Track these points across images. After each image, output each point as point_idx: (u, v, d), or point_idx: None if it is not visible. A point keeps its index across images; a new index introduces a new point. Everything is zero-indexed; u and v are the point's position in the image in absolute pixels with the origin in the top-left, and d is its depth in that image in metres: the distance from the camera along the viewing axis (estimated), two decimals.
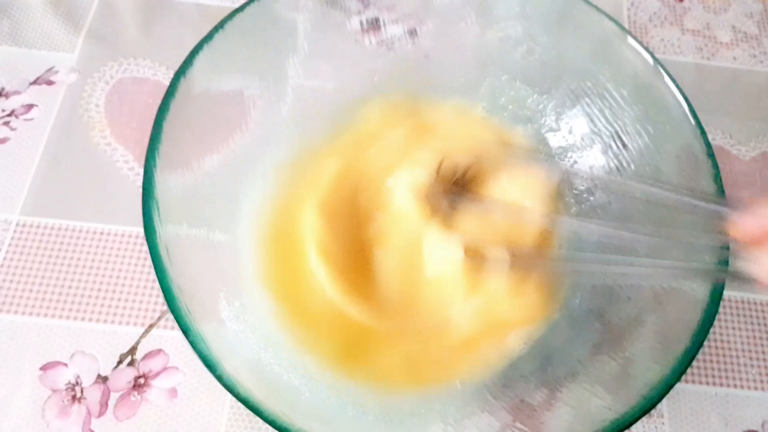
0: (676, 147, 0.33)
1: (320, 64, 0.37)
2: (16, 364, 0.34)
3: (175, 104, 0.30)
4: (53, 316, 0.35)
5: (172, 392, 0.34)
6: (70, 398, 0.33)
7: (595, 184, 0.36)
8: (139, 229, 0.38)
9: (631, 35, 0.34)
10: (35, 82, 0.42)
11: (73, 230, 0.38)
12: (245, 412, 0.25)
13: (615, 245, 0.30)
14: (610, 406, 0.26)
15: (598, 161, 0.36)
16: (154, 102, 0.30)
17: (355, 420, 0.29)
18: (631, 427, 0.32)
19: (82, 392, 0.34)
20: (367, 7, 0.38)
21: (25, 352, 0.34)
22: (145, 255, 0.37)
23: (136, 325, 0.35)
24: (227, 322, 0.30)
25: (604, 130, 0.36)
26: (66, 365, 0.34)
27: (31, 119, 0.41)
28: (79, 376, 0.34)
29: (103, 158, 0.40)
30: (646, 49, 0.34)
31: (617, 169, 0.35)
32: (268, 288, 0.33)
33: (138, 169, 0.40)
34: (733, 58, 0.48)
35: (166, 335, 0.35)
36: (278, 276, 0.33)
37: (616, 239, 0.30)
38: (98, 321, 0.35)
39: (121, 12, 0.45)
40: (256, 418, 0.25)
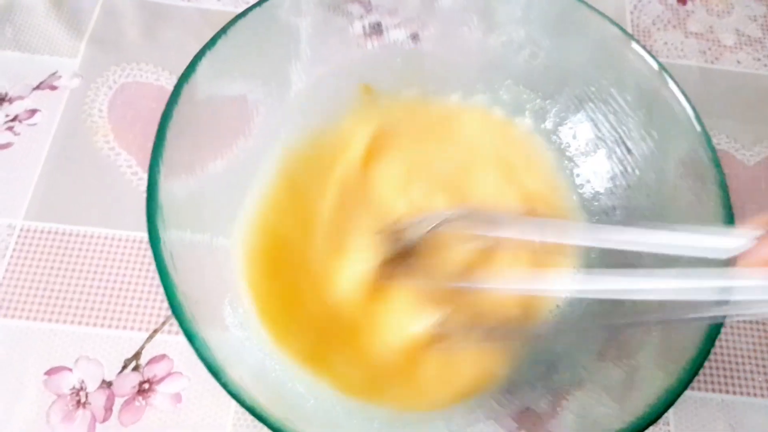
0: (680, 152, 0.32)
1: (323, 69, 0.37)
2: (20, 369, 0.34)
3: (178, 110, 0.30)
4: (58, 321, 0.35)
5: (177, 397, 0.34)
6: (74, 403, 0.33)
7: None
8: (143, 234, 0.38)
9: (635, 40, 0.34)
10: (38, 87, 0.42)
11: (77, 235, 0.38)
12: (250, 417, 0.25)
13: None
14: (616, 415, 0.26)
15: (603, 167, 0.36)
16: (157, 107, 0.30)
17: (361, 427, 0.29)
18: None
19: (87, 397, 0.34)
20: (369, 12, 0.38)
21: (30, 357, 0.34)
22: (149, 260, 0.37)
23: (140, 330, 0.35)
24: (232, 329, 0.30)
25: (608, 135, 0.36)
26: (71, 370, 0.34)
27: (35, 124, 0.41)
28: (83, 381, 0.34)
29: (107, 163, 0.40)
30: (650, 54, 0.34)
31: (622, 174, 0.35)
32: (255, 296, 0.33)
33: (141, 174, 0.40)
34: (737, 61, 0.47)
35: (171, 340, 0.35)
36: (266, 288, 0.33)
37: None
38: (103, 326, 0.35)
39: (124, 17, 0.45)
40: (260, 424, 0.25)
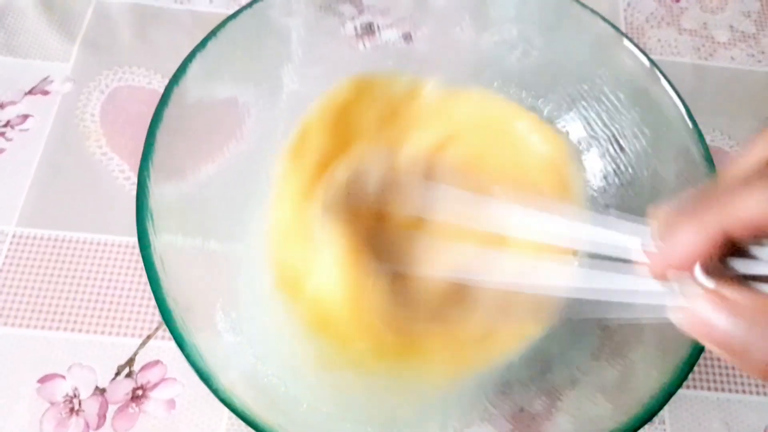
0: (673, 150, 0.32)
1: (315, 70, 0.37)
2: (13, 377, 0.34)
3: (168, 113, 0.30)
4: (50, 328, 0.35)
5: (171, 403, 0.34)
6: (68, 411, 0.33)
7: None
8: (136, 239, 0.37)
9: (627, 37, 0.34)
10: (30, 92, 0.42)
11: (70, 241, 0.38)
12: (243, 423, 0.25)
13: None
14: (611, 415, 0.26)
15: (596, 165, 0.36)
16: (149, 111, 0.30)
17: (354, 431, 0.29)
18: None
19: (80, 404, 0.33)
20: (361, 12, 0.38)
21: (23, 364, 0.34)
22: (142, 265, 0.37)
23: (133, 336, 0.35)
24: (224, 334, 0.30)
25: (601, 133, 0.36)
26: (64, 377, 0.34)
27: (27, 130, 0.41)
28: (76, 389, 0.34)
29: (99, 168, 0.40)
30: (642, 51, 0.34)
31: (615, 172, 0.35)
32: (284, 296, 0.33)
33: (134, 179, 0.39)
34: (731, 57, 0.47)
35: (164, 346, 0.35)
36: (293, 284, 0.33)
37: None
38: (96, 332, 0.35)
39: (116, 20, 0.45)
40: (254, 431, 0.25)
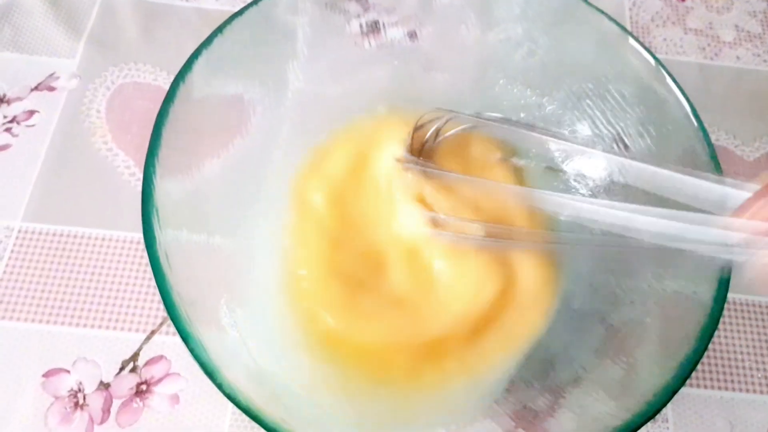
0: (678, 149, 0.32)
1: (320, 68, 0.37)
2: (18, 372, 0.34)
3: (174, 110, 0.30)
4: (55, 323, 0.35)
5: (174, 398, 0.34)
6: (72, 405, 0.33)
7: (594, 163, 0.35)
8: (141, 235, 0.38)
9: (632, 36, 0.34)
10: (36, 89, 0.42)
11: (75, 236, 0.38)
12: (247, 418, 0.25)
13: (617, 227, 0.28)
14: (614, 413, 0.26)
15: (600, 164, 0.36)
16: (155, 107, 0.30)
17: (357, 427, 0.29)
18: None
19: (85, 399, 0.34)
20: (366, 11, 0.38)
21: (28, 359, 0.34)
22: (146, 261, 0.37)
23: (138, 331, 0.35)
24: (228, 329, 0.30)
25: (605, 132, 0.36)
26: (68, 372, 0.34)
27: (33, 125, 0.41)
28: (81, 383, 0.34)
29: (105, 164, 0.40)
30: (647, 50, 0.33)
31: (619, 171, 0.35)
32: (288, 294, 0.33)
33: (139, 175, 0.40)
34: (737, 57, 0.47)
35: (168, 341, 0.35)
36: (299, 284, 0.33)
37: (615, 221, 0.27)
38: (100, 327, 0.35)
39: (122, 17, 0.45)
40: (257, 425, 0.25)
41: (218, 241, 0.32)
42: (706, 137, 0.31)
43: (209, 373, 0.25)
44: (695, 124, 0.31)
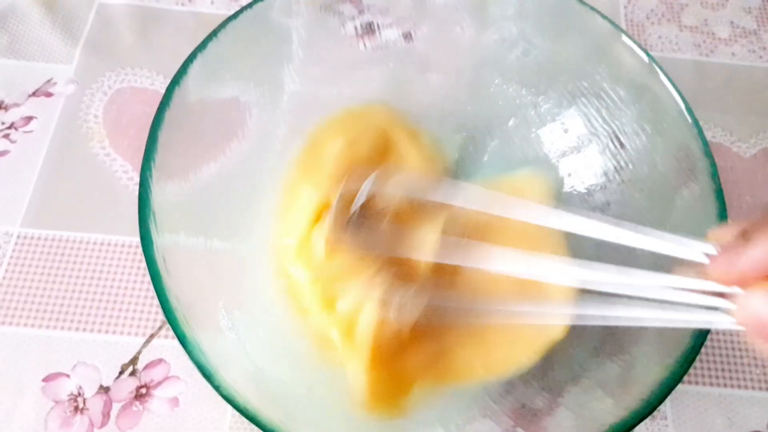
0: (673, 145, 0.32)
1: (315, 70, 0.37)
2: (18, 376, 0.34)
3: (170, 113, 0.30)
4: (55, 328, 0.35)
5: (174, 401, 0.34)
6: (72, 409, 0.33)
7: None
8: (138, 239, 0.38)
9: (626, 33, 0.34)
10: (34, 95, 0.42)
11: (74, 241, 0.38)
12: (246, 421, 0.25)
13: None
14: (611, 410, 0.26)
15: (596, 162, 0.36)
16: (152, 112, 0.30)
17: (355, 428, 0.29)
18: (634, 429, 0.32)
19: (85, 403, 0.34)
20: (361, 12, 0.38)
21: (28, 363, 0.34)
22: (145, 265, 0.37)
23: (137, 335, 0.35)
24: (226, 332, 0.30)
25: (601, 130, 0.36)
26: (68, 376, 0.34)
27: (31, 131, 0.41)
28: (81, 387, 0.34)
29: (103, 169, 0.40)
30: (640, 47, 0.34)
31: (615, 169, 0.35)
32: (284, 296, 0.33)
33: (137, 179, 0.39)
34: (732, 54, 0.47)
35: (167, 345, 0.35)
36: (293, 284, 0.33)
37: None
38: (100, 332, 0.35)
39: (118, 22, 0.45)
40: (257, 428, 0.25)
41: (216, 244, 0.32)
42: (701, 134, 0.31)
43: (207, 376, 0.25)
44: (689, 120, 0.32)
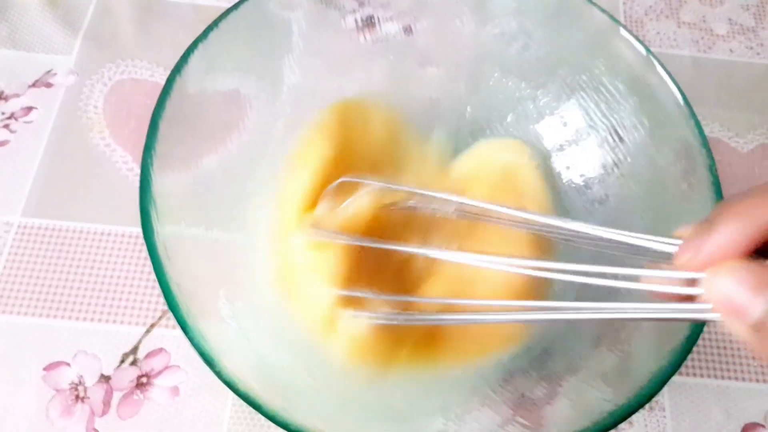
0: (672, 139, 0.33)
1: (316, 62, 0.37)
2: (19, 365, 0.34)
3: (170, 103, 0.30)
4: (56, 317, 0.35)
5: (175, 390, 0.34)
6: (73, 398, 0.34)
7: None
8: (139, 229, 0.37)
9: (624, 27, 0.34)
10: (34, 85, 0.42)
11: (74, 231, 0.38)
12: (247, 409, 0.25)
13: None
14: (609, 399, 0.26)
15: (595, 155, 0.36)
16: (151, 103, 0.30)
17: (356, 416, 0.29)
18: (633, 421, 0.32)
19: (86, 392, 0.34)
20: (362, 5, 0.38)
21: (29, 352, 0.35)
22: (145, 254, 0.37)
23: (137, 324, 0.36)
24: (228, 320, 0.30)
25: (600, 123, 0.36)
26: (69, 365, 0.34)
27: (31, 122, 0.41)
28: (82, 376, 0.34)
29: (103, 159, 0.40)
30: (638, 41, 0.34)
31: (614, 163, 0.35)
32: (278, 286, 0.33)
33: (137, 170, 0.40)
34: (730, 50, 0.48)
35: (168, 334, 0.35)
36: (286, 273, 0.33)
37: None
38: (100, 321, 0.36)
39: (118, 14, 0.45)
40: (258, 415, 0.25)
41: (217, 234, 0.32)
42: (699, 127, 0.31)
43: (208, 362, 0.25)
44: (687, 113, 0.32)
